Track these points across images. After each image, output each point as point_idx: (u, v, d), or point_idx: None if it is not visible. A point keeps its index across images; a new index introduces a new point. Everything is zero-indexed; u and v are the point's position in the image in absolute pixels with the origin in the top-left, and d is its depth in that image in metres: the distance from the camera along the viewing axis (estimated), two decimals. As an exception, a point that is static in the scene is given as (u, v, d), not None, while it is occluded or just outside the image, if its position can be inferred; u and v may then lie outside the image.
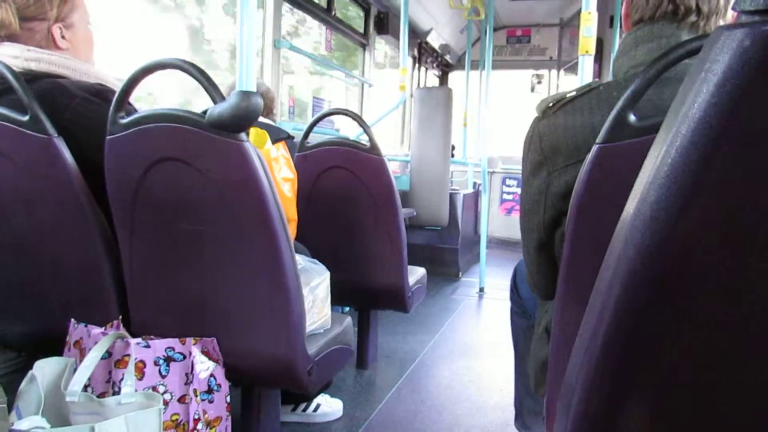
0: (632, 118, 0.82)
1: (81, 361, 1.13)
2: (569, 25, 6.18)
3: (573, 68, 5.94)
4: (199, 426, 1.17)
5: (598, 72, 5.78)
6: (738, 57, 0.34)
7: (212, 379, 1.21)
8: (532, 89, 6.53)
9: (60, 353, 1.23)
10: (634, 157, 0.87)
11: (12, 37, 1.25)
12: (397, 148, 5.67)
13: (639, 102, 0.81)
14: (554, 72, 6.49)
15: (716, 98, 0.35)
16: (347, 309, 2.74)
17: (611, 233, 0.47)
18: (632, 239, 0.41)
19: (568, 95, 0.97)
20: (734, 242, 0.38)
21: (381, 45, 5.04)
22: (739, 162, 0.36)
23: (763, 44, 0.33)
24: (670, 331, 0.43)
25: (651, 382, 0.45)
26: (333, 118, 4.12)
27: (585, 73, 1.83)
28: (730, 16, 0.97)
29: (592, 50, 1.82)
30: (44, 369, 1.12)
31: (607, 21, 4.98)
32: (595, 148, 0.85)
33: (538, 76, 6.47)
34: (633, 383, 0.46)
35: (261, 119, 2.01)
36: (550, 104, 0.98)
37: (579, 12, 1.88)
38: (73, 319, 1.24)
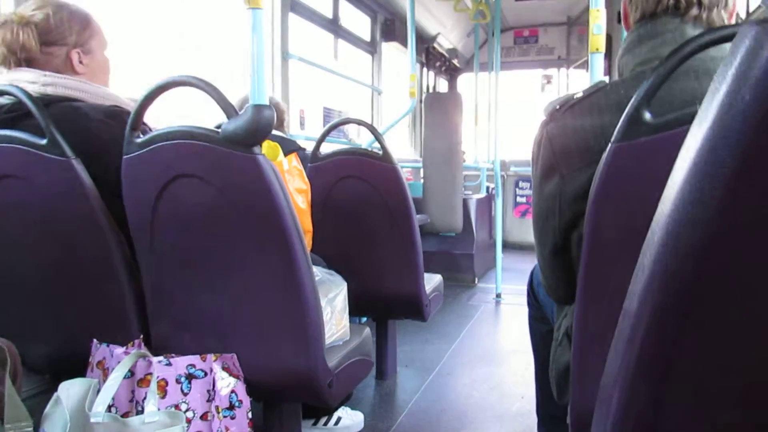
0: (647, 115, 0.81)
1: (104, 381, 1.13)
2: (577, 24, 6.16)
3: (582, 66, 5.91)
4: (223, 443, 1.17)
5: (608, 69, 5.74)
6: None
7: (233, 395, 1.21)
8: (542, 89, 6.51)
9: (83, 374, 1.23)
10: (651, 155, 0.86)
11: (31, 61, 1.27)
12: (409, 150, 5.67)
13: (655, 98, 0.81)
14: (563, 71, 6.47)
15: (749, 95, 0.34)
16: (365, 319, 2.74)
17: (633, 233, 0.46)
18: (666, 242, 0.40)
19: (575, 97, 0.96)
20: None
21: (389, 51, 5.05)
22: None
23: None
24: (713, 333, 0.42)
25: (693, 385, 0.44)
26: (345, 127, 4.13)
27: (596, 71, 1.81)
28: (732, 5, 0.96)
29: (603, 48, 1.80)
30: (69, 390, 1.13)
31: (615, 17, 4.96)
32: (610, 147, 0.84)
33: (547, 77, 6.46)
34: (674, 387, 0.45)
35: (273, 132, 2.02)
36: (558, 107, 0.97)
37: (586, 10, 1.87)
38: (95, 340, 1.25)
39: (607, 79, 1.15)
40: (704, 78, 0.87)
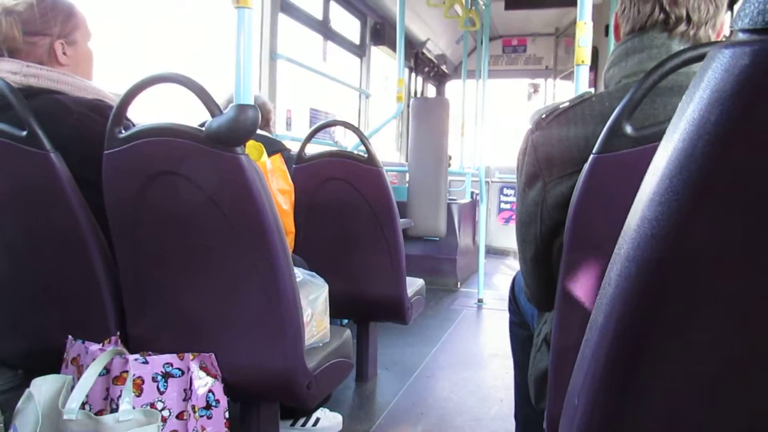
0: (628, 128, 0.82)
1: (79, 378, 1.12)
2: (564, 35, 6.23)
3: (569, 77, 5.97)
4: (198, 442, 1.16)
5: (594, 81, 5.81)
6: (736, 76, 0.33)
7: (211, 394, 1.20)
8: (529, 98, 6.57)
9: (57, 370, 1.22)
10: (630, 167, 0.87)
11: (14, 52, 1.26)
12: (395, 153, 5.68)
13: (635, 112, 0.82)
14: (550, 81, 6.53)
15: (715, 117, 0.34)
16: (346, 321, 2.73)
17: (610, 243, 0.47)
18: (634, 256, 0.41)
19: (561, 106, 0.97)
20: (735, 259, 0.38)
21: (378, 55, 5.07)
22: (740, 181, 0.36)
23: (761, 63, 0.33)
24: (674, 349, 0.42)
25: (655, 400, 0.45)
26: (332, 129, 4.13)
27: (581, 82, 1.83)
28: (720, 24, 0.98)
29: (588, 60, 1.82)
30: (41, 387, 1.11)
31: (602, 30, 5.01)
32: (591, 158, 0.85)
33: (534, 86, 6.52)
34: (637, 402, 0.45)
35: (258, 131, 2.01)
36: (544, 116, 0.98)
37: (574, 22, 1.89)
38: (70, 336, 1.23)
39: (593, 90, 1.16)
40: None
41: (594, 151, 0.85)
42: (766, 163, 0.35)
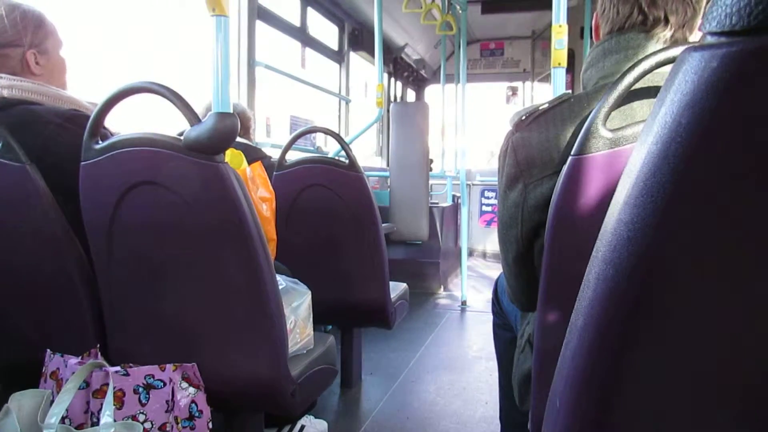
0: (604, 130, 0.83)
1: (58, 392, 1.10)
2: (541, 38, 6.29)
3: (546, 79, 6.04)
4: (182, 454, 1.14)
5: (571, 83, 5.88)
6: (705, 79, 0.34)
7: (193, 405, 1.19)
8: (507, 101, 6.62)
9: (36, 385, 1.19)
10: (607, 168, 0.89)
11: None
12: (376, 159, 5.69)
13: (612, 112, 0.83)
14: (528, 83, 6.59)
15: (686, 119, 0.35)
16: (330, 327, 2.72)
17: (590, 244, 0.47)
18: (611, 259, 0.41)
19: (540, 108, 0.98)
20: (710, 261, 0.39)
21: (357, 61, 5.07)
22: (713, 183, 0.36)
23: (729, 65, 0.33)
24: (653, 351, 0.43)
25: (636, 403, 0.45)
26: (313, 135, 4.12)
27: (558, 85, 1.85)
28: (698, 27, 1.00)
29: (564, 62, 1.84)
30: (20, 402, 1.09)
31: (577, 32, 5.08)
32: (569, 160, 0.86)
33: (513, 89, 6.58)
34: (617, 404, 0.46)
35: (238, 139, 2.00)
36: (523, 117, 0.99)
37: (550, 24, 1.91)
38: (48, 350, 1.21)
39: (571, 92, 1.17)
40: None
41: (572, 153, 0.86)
42: (737, 165, 0.35)
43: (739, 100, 0.34)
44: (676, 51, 0.81)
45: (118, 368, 1.14)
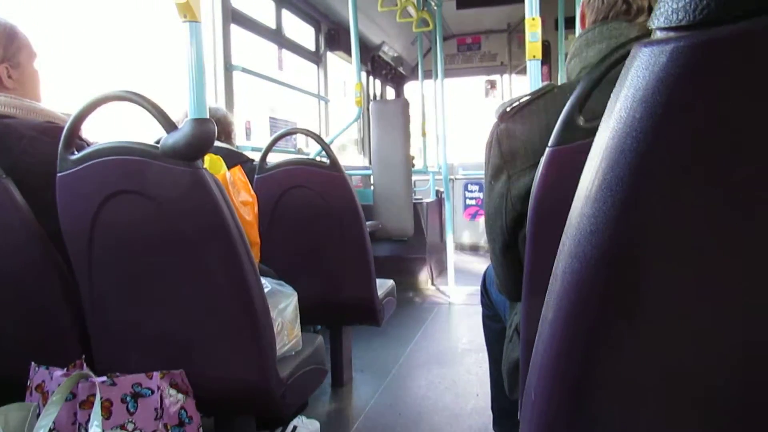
0: (580, 120, 0.84)
1: (44, 405, 1.09)
2: (517, 30, 6.32)
3: (524, 72, 6.06)
4: (173, 461, 1.14)
5: (548, 74, 5.92)
6: (656, 74, 0.35)
7: (183, 411, 1.19)
8: (486, 95, 6.65)
9: (22, 398, 1.19)
10: (584, 159, 0.90)
11: None
12: (357, 157, 5.69)
13: (588, 103, 0.84)
14: (506, 76, 6.63)
15: (639, 114, 0.36)
16: (318, 328, 2.72)
17: None
18: (576, 253, 0.42)
19: (524, 99, 0.99)
20: (669, 254, 0.39)
21: (335, 60, 5.06)
22: (667, 177, 0.37)
23: (678, 60, 0.34)
24: (621, 344, 0.43)
25: (606, 396, 0.46)
26: (294, 136, 4.11)
27: (534, 77, 1.87)
28: None
29: (539, 54, 1.86)
30: (6, 416, 1.08)
31: (552, 24, 5.11)
32: (547, 151, 0.87)
33: (491, 82, 6.60)
34: (589, 397, 0.46)
35: (219, 144, 1.99)
36: (507, 108, 1.00)
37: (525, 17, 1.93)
38: (33, 363, 1.20)
39: (558, 83, 1.18)
40: None
41: (549, 144, 0.87)
42: (688, 159, 0.36)
43: (688, 94, 0.35)
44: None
45: (104, 378, 1.14)
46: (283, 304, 1.45)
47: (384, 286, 2.36)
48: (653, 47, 0.35)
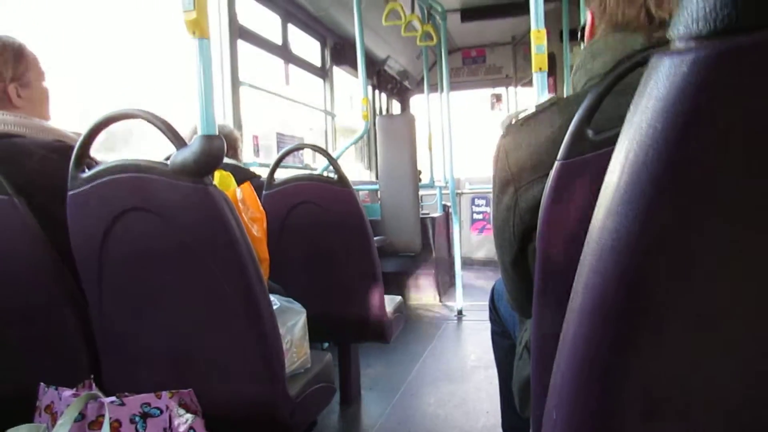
0: (589, 132, 0.84)
1: (53, 425, 1.08)
2: (522, 43, 6.34)
3: (530, 84, 6.06)
4: (182, 482, 1.13)
5: (554, 86, 5.92)
6: (676, 84, 0.34)
7: (192, 431, 1.17)
8: (492, 108, 6.66)
9: (31, 420, 1.18)
10: (594, 171, 0.88)
11: None
12: (364, 172, 5.69)
13: (597, 114, 0.83)
14: (512, 89, 6.64)
15: (661, 125, 0.35)
16: (326, 345, 2.71)
17: (579, 249, 0.47)
18: (597, 268, 0.41)
19: (530, 111, 0.98)
20: (694, 268, 0.38)
21: (341, 75, 5.09)
22: (691, 189, 0.36)
23: (699, 69, 0.34)
24: (645, 363, 0.42)
25: (631, 416, 0.44)
26: (301, 152, 4.12)
27: (540, 89, 1.87)
28: None
29: (545, 66, 1.86)
30: (15, 438, 1.08)
31: (557, 36, 5.12)
32: (556, 164, 0.86)
33: (497, 95, 6.61)
34: (612, 417, 0.45)
35: (227, 160, 2.00)
36: (513, 121, 1.00)
37: (530, 29, 1.93)
38: (42, 383, 1.20)
39: (564, 95, 1.18)
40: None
41: (558, 157, 0.86)
42: (713, 170, 0.36)
43: (710, 103, 0.34)
44: (649, 53, 0.81)
45: (113, 398, 1.13)
46: (292, 321, 1.44)
47: (393, 302, 2.35)
48: (673, 57, 0.34)
